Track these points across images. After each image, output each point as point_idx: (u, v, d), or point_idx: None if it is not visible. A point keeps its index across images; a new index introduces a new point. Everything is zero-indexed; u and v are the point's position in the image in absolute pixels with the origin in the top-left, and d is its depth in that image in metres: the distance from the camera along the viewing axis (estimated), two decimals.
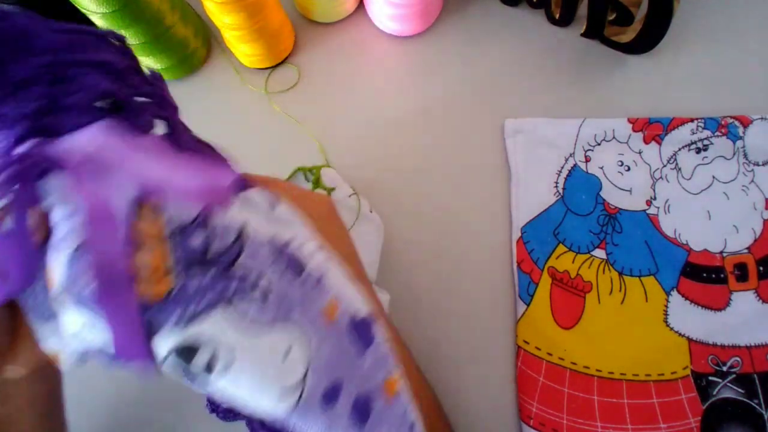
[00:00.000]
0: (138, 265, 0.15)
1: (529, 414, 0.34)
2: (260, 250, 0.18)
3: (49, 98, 0.15)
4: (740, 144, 0.38)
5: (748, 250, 0.36)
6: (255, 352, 0.17)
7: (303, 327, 0.19)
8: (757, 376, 0.34)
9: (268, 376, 0.18)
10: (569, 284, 0.37)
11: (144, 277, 0.16)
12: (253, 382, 0.18)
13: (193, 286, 0.16)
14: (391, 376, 0.22)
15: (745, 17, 0.43)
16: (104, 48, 0.17)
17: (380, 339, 0.22)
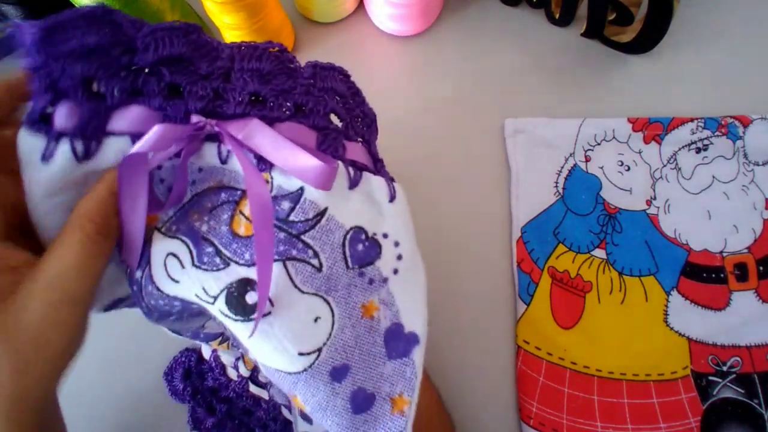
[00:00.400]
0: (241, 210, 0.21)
1: (529, 414, 0.34)
2: (333, 234, 0.21)
3: (219, 89, 0.21)
4: (740, 144, 0.38)
5: (748, 250, 0.36)
6: (291, 309, 0.20)
7: (334, 308, 0.22)
8: (757, 376, 0.34)
9: (294, 334, 0.21)
10: (569, 284, 0.37)
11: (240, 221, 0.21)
12: (281, 334, 0.20)
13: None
14: (404, 396, 0.23)
15: (745, 17, 0.43)
16: (262, 58, 0.22)
17: (413, 361, 0.24)
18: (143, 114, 0.20)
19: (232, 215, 0.21)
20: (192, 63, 0.21)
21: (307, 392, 0.22)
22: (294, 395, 0.22)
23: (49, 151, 0.20)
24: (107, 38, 0.19)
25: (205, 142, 0.21)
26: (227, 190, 0.21)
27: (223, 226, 0.21)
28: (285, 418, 0.34)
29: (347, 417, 0.22)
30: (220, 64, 0.21)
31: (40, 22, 0.19)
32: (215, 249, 0.21)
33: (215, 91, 0.21)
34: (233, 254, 0.21)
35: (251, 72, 0.21)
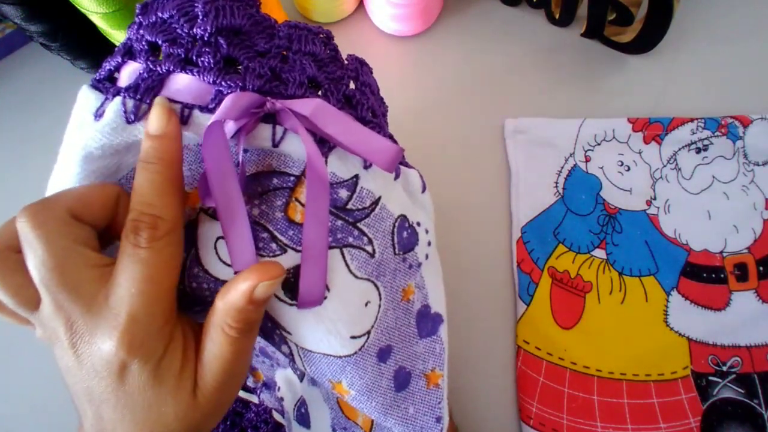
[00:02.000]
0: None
1: (529, 414, 0.34)
2: (384, 222, 0.22)
3: (277, 69, 0.20)
4: (740, 144, 0.38)
5: (748, 250, 0.36)
6: (346, 293, 0.21)
7: (382, 292, 0.22)
8: (757, 376, 0.34)
9: (349, 317, 0.21)
10: (569, 284, 0.37)
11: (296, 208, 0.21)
12: (335, 317, 0.21)
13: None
14: (436, 370, 0.25)
15: (745, 17, 0.43)
16: (316, 42, 0.22)
17: (441, 338, 0.25)
18: (195, 85, 0.19)
19: (287, 202, 0.20)
20: (250, 38, 0.20)
21: (355, 375, 0.22)
22: (339, 380, 0.22)
23: (102, 108, 0.19)
24: (177, 7, 0.19)
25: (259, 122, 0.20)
26: (279, 176, 0.20)
27: (277, 212, 0.20)
28: (276, 421, 0.34)
29: (390, 396, 0.23)
30: (279, 43, 0.21)
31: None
32: (270, 235, 0.20)
33: (272, 71, 0.20)
34: (290, 241, 0.20)
35: (309, 56, 0.21)
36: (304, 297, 0.20)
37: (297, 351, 0.23)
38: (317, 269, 0.19)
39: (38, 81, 0.48)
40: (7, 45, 0.49)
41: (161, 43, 0.19)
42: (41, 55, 0.47)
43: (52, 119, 0.47)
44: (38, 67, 0.49)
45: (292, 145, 0.20)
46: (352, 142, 0.19)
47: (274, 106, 0.19)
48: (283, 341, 0.23)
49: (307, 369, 0.23)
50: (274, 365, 0.32)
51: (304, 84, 0.20)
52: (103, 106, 0.19)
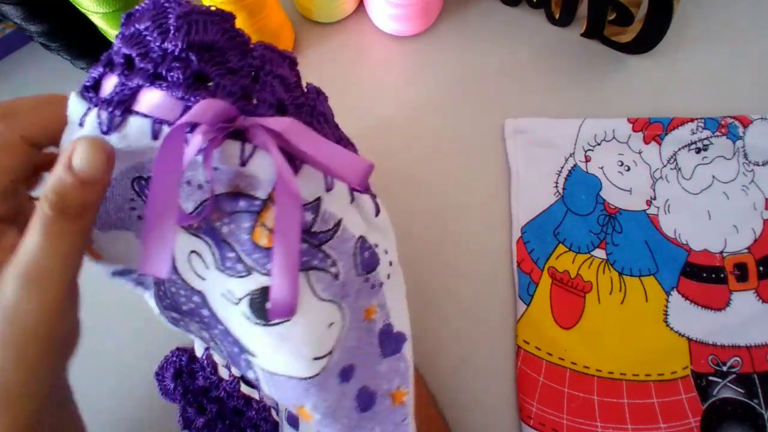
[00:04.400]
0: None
1: (529, 414, 0.34)
2: (347, 243, 0.22)
3: (248, 88, 0.20)
4: (740, 144, 0.38)
5: (748, 250, 0.36)
6: (310, 315, 0.21)
7: (345, 312, 0.22)
8: (757, 376, 0.34)
9: (312, 339, 0.21)
10: (569, 284, 0.37)
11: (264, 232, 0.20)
12: (299, 339, 0.21)
13: None
14: (401, 388, 0.25)
15: (745, 17, 0.43)
16: (284, 66, 0.22)
17: (405, 356, 0.25)
18: (165, 101, 0.19)
19: (253, 226, 0.20)
20: (222, 54, 0.20)
21: (318, 397, 0.22)
22: (302, 405, 0.22)
23: (84, 117, 0.20)
24: (152, 18, 0.19)
25: (226, 139, 0.19)
26: (246, 198, 0.20)
27: (243, 234, 0.20)
28: (275, 420, 0.34)
29: (355, 417, 0.23)
30: (251, 62, 0.20)
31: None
32: (237, 255, 0.20)
33: (243, 89, 0.20)
34: (255, 263, 0.20)
35: (279, 78, 0.21)
36: (275, 310, 0.19)
37: (262, 376, 0.22)
38: (288, 281, 0.19)
39: (38, 81, 0.48)
40: (7, 45, 0.49)
41: (134, 56, 0.19)
42: (41, 55, 0.47)
43: None
44: (38, 67, 0.49)
45: (261, 165, 0.19)
46: (326, 158, 0.19)
47: (245, 121, 0.19)
48: (249, 366, 0.23)
49: (273, 394, 0.23)
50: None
51: (273, 106, 0.20)
52: (86, 114, 0.20)
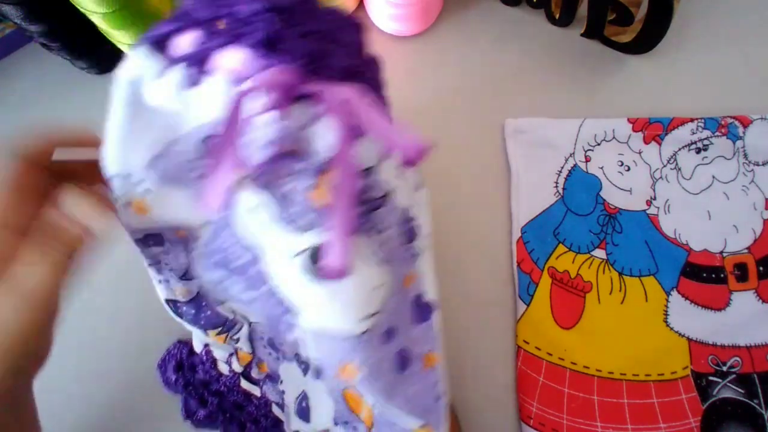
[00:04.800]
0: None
1: (529, 414, 0.34)
2: (394, 212, 0.23)
3: (319, 53, 0.20)
4: (740, 144, 0.38)
5: (748, 250, 0.36)
6: (361, 275, 0.22)
7: (391, 277, 0.23)
8: (757, 376, 0.34)
9: (362, 298, 0.22)
10: (569, 284, 0.37)
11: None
12: (350, 297, 0.22)
13: None
14: (432, 353, 0.27)
15: (745, 17, 0.43)
16: (352, 31, 0.23)
17: (434, 324, 0.27)
18: (243, 60, 0.20)
19: (313, 186, 0.21)
20: (296, 17, 0.20)
21: (365, 355, 0.23)
22: (348, 362, 0.24)
23: (159, 73, 0.21)
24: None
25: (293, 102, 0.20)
26: (307, 159, 0.21)
27: (302, 193, 0.21)
28: (275, 416, 0.34)
29: (393, 377, 0.25)
30: (321, 27, 0.21)
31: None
32: (296, 212, 0.21)
33: (313, 54, 0.20)
34: (312, 222, 0.21)
35: (348, 45, 0.22)
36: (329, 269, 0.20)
37: (306, 336, 0.23)
38: (342, 243, 0.20)
39: (38, 81, 0.48)
40: (7, 45, 0.49)
41: (214, 16, 0.20)
42: (41, 55, 0.47)
43: (52, 119, 0.47)
44: (38, 67, 0.49)
45: (324, 129, 0.20)
46: (384, 130, 0.20)
47: (313, 86, 0.19)
48: (290, 329, 0.23)
49: (317, 353, 0.23)
50: (279, 358, 0.32)
51: (339, 72, 0.21)
52: (164, 69, 0.21)
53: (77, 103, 0.47)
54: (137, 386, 0.38)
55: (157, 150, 0.23)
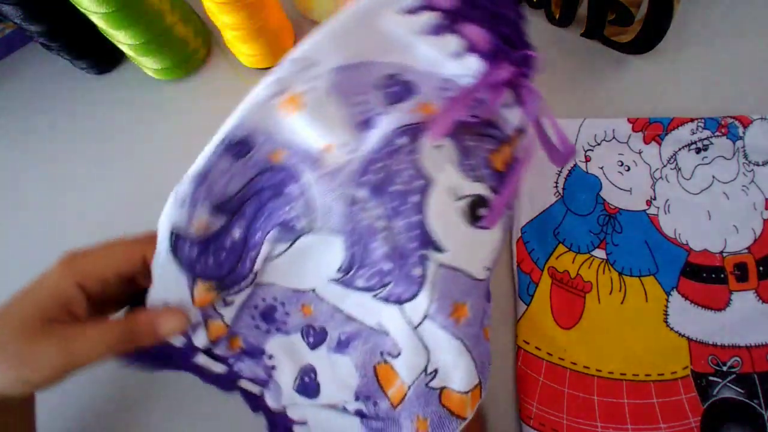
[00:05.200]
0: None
1: (529, 414, 0.34)
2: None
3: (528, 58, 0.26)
4: (740, 144, 0.38)
5: (748, 250, 0.36)
6: (498, 233, 0.28)
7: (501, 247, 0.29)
8: (757, 376, 0.34)
9: (492, 251, 0.28)
10: (569, 284, 0.37)
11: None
12: (488, 247, 0.27)
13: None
14: (488, 328, 0.30)
15: (745, 17, 0.43)
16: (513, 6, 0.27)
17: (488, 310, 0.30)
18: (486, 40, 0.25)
19: (493, 150, 0.27)
20: (517, 22, 0.27)
21: (476, 300, 0.27)
22: (464, 302, 0.26)
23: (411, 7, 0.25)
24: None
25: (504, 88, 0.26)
26: (497, 129, 0.27)
27: (484, 152, 0.26)
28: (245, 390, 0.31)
29: (477, 329, 0.28)
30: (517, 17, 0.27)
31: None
32: (473, 163, 0.26)
33: (526, 59, 0.26)
34: (483, 176, 0.26)
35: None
36: (490, 217, 0.26)
37: (436, 270, 0.25)
38: (506, 203, 0.26)
39: (38, 81, 0.48)
40: (7, 45, 0.49)
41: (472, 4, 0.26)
42: (41, 55, 0.47)
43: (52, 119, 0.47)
44: (38, 67, 0.49)
45: (514, 112, 0.27)
46: (554, 131, 0.26)
47: (521, 81, 0.25)
48: (421, 263, 0.25)
49: (439, 288, 0.25)
50: (271, 331, 0.30)
51: (525, 61, 0.26)
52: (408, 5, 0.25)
53: (77, 103, 0.47)
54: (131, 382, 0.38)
55: (353, 60, 0.26)
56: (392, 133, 0.25)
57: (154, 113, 0.46)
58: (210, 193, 0.26)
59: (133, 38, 0.40)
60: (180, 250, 0.26)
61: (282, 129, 0.26)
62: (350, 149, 0.25)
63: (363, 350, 0.29)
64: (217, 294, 0.27)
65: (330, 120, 0.26)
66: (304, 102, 0.25)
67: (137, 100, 0.46)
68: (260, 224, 0.27)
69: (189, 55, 0.45)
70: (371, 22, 0.25)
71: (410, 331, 0.27)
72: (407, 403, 0.27)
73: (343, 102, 0.26)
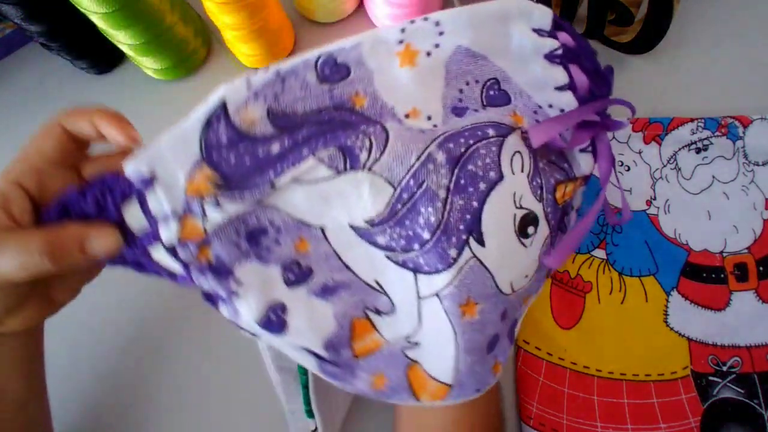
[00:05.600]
0: None
1: (529, 414, 0.34)
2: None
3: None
4: (740, 144, 0.38)
5: (748, 250, 0.36)
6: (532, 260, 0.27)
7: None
8: (757, 376, 0.34)
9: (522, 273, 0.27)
10: (569, 284, 0.37)
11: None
12: (519, 267, 0.27)
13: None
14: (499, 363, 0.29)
15: (745, 17, 0.43)
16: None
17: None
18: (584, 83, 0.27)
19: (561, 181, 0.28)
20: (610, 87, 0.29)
21: (490, 309, 0.26)
22: (474, 302, 0.26)
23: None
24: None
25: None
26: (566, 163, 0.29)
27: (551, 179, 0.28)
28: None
29: (480, 342, 0.27)
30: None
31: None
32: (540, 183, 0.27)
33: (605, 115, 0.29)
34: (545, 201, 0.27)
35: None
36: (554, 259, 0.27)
37: (468, 260, 0.25)
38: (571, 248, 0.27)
39: (38, 81, 0.48)
40: (7, 45, 0.49)
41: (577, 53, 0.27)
42: (41, 55, 0.47)
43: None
44: (38, 67, 0.49)
45: (583, 158, 0.29)
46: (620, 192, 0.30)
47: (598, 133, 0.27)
48: (459, 246, 0.25)
49: (462, 277, 0.25)
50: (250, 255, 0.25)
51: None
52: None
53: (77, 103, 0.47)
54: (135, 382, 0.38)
55: (476, 47, 0.27)
56: (484, 123, 0.26)
57: (154, 113, 0.45)
58: (276, 98, 0.23)
59: (133, 38, 0.40)
60: (213, 126, 0.22)
61: (382, 75, 0.25)
62: (434, 124, 0.26)
63: (348, 302, 0.27)
64: (215, 190, 0.23)
65: (431, 90, 0.26)
66: (418, 61, 0.25)
67: (137, 100, 0.46)
68: (312, 145, 0.24)
69: (189, 55, 0.45)
70: (506, 22, 0.26)
71: (413, 298, 0.26)
72: (374, 357, 0.26)
73: (449, 81, 0.26)
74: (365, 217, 0.25)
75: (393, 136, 0.24)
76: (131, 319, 0.40)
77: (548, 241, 0.27)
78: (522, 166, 0.26)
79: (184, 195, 0.23)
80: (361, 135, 0.24)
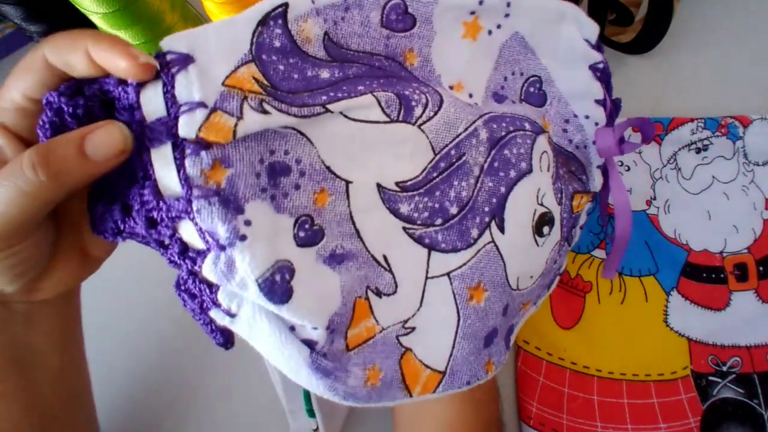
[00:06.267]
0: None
1: (529, 414, 0.34)
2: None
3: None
4: (740, 144, 0.38)
5: (748, 250, 0.36)
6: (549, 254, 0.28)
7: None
8: (757, 376, 0.34)
9: (536, 270, 0.28)
10: (569, 284, 0.37)
11: None
12: (532, 263, 0.27)
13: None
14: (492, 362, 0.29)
15: (745, 17, 0.43)
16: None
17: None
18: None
19: (579, 191, 0.29)
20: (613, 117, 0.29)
21: (495, 297, 0.26)
22: (482, 286, 0.26)
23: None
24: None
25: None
26: (585, 176, 0.30)
27: (570, 187, 0.29)
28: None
29: (479, 332, 0.27)
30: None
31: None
32: (561, 188, 0.28)
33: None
34: (563, 206, 0.28)
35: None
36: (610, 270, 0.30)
37: (487, 243, 0.25)
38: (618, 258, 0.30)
39: None
40: (7, 45, 0.49)
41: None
42: None
43: None
44: None
45: (597, 174, 0.30)
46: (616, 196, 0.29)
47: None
48: (482, 227, 0.24)
49: (477, 260, 0.25)
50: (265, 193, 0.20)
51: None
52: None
53: None
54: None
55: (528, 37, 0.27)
56: (521, 116, 0.26)
57: None
58: (336, 25, 0.21)
59: (133, 38, 0.40)
60: (270, 26, 0.19)
61: (442, 39, 0.24)
62: (474, 103, 0.26)
63: (354, 276, 0.23)
64: (260, 92, 0.19)
65: (480, 69, 0.26)
66: (480, 37, 0.25)
67: None
68: (367, 83, 0.22)
69: None
70: (560, 22, 0.26)
71: (421, 278, 0.24)
72: (368, 348, 0.24)
73: (498, 66, 0.27)
74: (398, 178, 0.22)
75: (447, 100, 0.23)
76: (131, 319, 0.40)
77: (557, 248, 0.28)
78: (548, 166, 0.27)
79: (222, 87, 0.18)
80: (415, 90, 0.22)
